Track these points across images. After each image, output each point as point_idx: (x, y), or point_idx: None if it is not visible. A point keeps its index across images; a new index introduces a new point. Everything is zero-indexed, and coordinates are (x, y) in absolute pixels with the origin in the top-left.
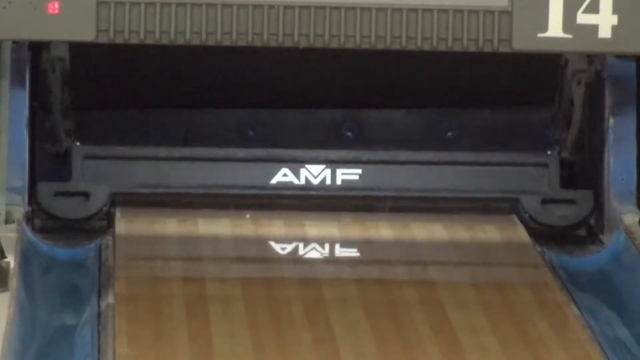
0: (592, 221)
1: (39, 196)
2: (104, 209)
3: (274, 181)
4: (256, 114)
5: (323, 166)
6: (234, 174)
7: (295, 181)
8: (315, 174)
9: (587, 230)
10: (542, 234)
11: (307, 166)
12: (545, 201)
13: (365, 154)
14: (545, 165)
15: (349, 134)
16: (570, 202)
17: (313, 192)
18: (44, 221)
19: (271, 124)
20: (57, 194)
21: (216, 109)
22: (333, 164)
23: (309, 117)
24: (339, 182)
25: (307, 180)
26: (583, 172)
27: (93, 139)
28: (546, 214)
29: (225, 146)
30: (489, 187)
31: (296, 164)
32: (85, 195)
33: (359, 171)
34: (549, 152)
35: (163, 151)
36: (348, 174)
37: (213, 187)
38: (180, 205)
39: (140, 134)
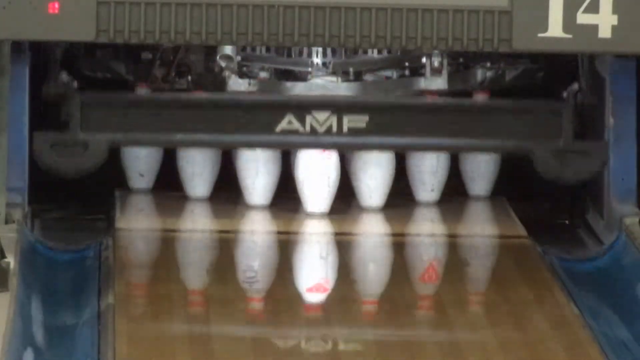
0: (591, 221)
1: (34, 147)
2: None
3: (278, 129)
4: None
5: (329, 113)
6: (237, 121)
7: (300, 128)
8: (321, 121)
9: (587, 230)
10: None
11: (314, 112)
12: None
13: (373, 100)
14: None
15: None
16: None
17: (318, 140)
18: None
19: None
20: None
21: None
22: (339, 110)
23: None
24: (345, 129)
25: (312, 127)
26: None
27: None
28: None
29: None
30: (501, 135)
31: (302, 110)
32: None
33: (366, 118)
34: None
35: (165, 97)
36: (355, 121)
37: (216, 133)
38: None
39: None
